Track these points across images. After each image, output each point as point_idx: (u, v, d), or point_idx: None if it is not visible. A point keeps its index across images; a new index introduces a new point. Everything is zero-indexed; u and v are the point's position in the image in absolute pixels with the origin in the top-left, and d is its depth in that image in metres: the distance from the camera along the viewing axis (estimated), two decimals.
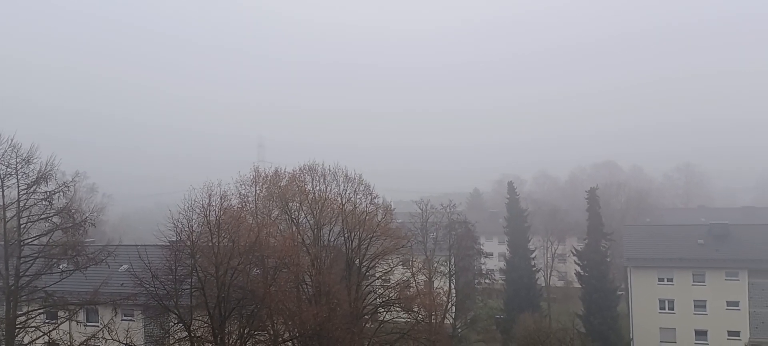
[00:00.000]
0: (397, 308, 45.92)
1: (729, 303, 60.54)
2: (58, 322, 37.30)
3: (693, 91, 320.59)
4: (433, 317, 48.02)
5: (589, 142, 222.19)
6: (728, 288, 60.61)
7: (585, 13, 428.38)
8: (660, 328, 62.08)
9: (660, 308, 62.48)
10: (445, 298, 55.25)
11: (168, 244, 35.20)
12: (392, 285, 48.30)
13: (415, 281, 51.53)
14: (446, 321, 55.69)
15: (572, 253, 71.28)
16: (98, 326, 39.32)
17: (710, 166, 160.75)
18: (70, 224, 35.21)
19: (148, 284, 34.08)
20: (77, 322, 41.05)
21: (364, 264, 45.11)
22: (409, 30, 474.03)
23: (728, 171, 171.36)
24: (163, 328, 36.64)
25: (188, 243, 34.20)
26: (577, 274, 67.01)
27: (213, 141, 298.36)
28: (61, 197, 35.11)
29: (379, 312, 46.90)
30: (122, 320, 42.14)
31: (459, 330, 60.14)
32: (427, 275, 55.50)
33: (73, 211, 35.73)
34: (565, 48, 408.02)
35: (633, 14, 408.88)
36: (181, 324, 34.61)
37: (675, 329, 61.85)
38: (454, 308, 59.34)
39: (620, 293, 68.19)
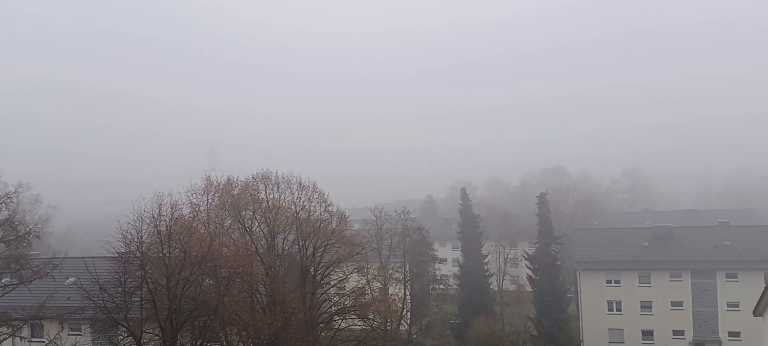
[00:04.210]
0: (353, 316, 45.97)
1: (673, 303, 62.64)
2: (1, 338, 35.96)
3: (635, 98, 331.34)
4: (388, 323, 48.20)
5: (538, 148, 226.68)
6: (672, 289, 62.72)
7: (532, 23, 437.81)
8: (608, 329, 63.76)
9: (608, 310, 64.16)
10: (400, 304, 55.48)
11: (117, 255, 34.43)
12: (347, 293, 48.32)
13: (370, 287, 51.70)
14: (401, 327, 55.97)
15: (524, 257, 72.68)
16: (44, 342, 38.14)
17: (654, 170, 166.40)
18: (13, 237, 33.99)
19: (96, 297, 33.27)
20: (21, 338, 39.67)
21: (319, 272, 45.01)
22: (363, 36, 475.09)
23: (671, 175, 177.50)
24: (112, 342, 35.84)
25: (138, 254, 33.54)
26: (529, 277, 68.31)
27: (164, 145, 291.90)
28: (3, 209, 33.88)
29: (335, 320, 46.83)
30: (69, 334, 40.93)
31: (414, 336, 60.51)
32: (382, 282, 55.67)
33: (16, 223, 34.52)
34: (512, 56, 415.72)
35: (576, 25, 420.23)
36: (131, 337, 33.89)
37: (623, 329, 63.62)
38: (409, 314, 59.66)
39: (570, 295, 69.76)
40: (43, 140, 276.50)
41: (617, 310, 64.05)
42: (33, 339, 42.97)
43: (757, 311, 30.74)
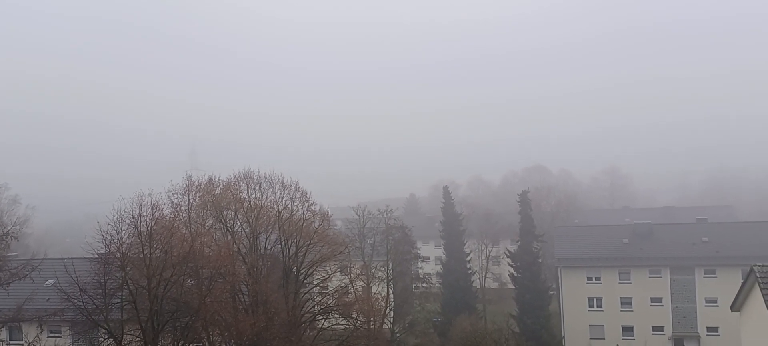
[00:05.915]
0: (336, 315, 45.92)
1: (653, 299, 63.43)
2: None
3: (615, 100, 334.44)
4: (371, 322, 48.25)
5: (520, 147, 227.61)
6: (652, 285, 63.51)
7: (513, 25, 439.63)
8: (589, 325, 64.41)
9: (589, 306, 64.82)
10: (383, 303, 55.48)
11: (97, 256, 34.08)
12: (330, 292, 48.28)
13: (353, 287, 51.65)
14: (385, 326, 55.99)
15: (506, 255, 73.02)
16: (23, 345, 37.61)
17: (633, 168, 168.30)
18: None
19: (76, 299, 32.91)
20: (0, 341, 39.13)
21: (301, 272, 44.92)
22: (345, 32, 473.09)
23: (650, 174, 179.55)
24: (92, 344, 35.52)
25: (118, 255, 33.23)
26: (511, 275, 68.68)
27: (146, 141, 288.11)
28: None
29: (318, 320, 46.73)
30: (49, 337, 40.38)
31: (397, 334, 60.56)
32: (365, 281, 55.65)
33: None
34: (494, 57, 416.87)
35: (556, 28, 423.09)
36: (111, 339, 33.57)
37: (603, 325, 64.31)
38: (392, 312, 59.70)
39: (552, 292, 70.28)
40: (21, 138, 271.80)
41: (598, 306, 64.72)
42: (11, 342, 42.40)
43: (734, 307, 31.19)
